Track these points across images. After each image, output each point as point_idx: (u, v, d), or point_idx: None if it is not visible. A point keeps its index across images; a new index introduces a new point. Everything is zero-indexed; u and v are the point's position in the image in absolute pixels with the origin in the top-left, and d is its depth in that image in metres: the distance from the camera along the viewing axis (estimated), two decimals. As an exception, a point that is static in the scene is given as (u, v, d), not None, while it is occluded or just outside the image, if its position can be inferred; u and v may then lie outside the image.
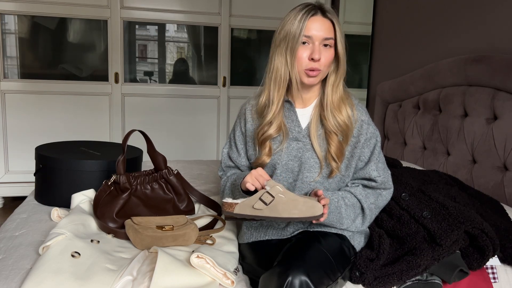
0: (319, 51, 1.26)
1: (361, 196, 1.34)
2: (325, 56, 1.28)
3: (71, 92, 3.26)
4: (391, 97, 2.79)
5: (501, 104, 1.95)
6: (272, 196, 1.17)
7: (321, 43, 1.27)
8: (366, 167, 1.36)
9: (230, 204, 1.20)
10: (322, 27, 1.26)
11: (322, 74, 1.30)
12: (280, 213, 1.17)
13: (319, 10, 1.28)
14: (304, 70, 1.28)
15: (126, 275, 1.18)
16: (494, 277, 1.42)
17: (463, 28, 2.34)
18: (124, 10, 3.27)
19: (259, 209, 1.17)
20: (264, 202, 1.17)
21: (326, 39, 1.27)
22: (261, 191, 1.19)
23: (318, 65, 1.27)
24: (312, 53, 1.26)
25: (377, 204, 1.38)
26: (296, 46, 1.26)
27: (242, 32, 3.62)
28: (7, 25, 3.15)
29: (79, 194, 1.61)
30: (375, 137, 1.37)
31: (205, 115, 3.56)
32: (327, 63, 1.29)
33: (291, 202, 1.17)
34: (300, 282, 1.07)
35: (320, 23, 1.26)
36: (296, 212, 1.16)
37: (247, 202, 1.18)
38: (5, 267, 1.24)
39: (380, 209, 1.42)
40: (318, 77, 1.30)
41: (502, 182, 1.92)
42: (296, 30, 1.26)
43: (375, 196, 1.38)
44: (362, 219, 1.36)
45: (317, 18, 1.27)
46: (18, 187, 3.23)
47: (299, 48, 1.27)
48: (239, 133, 1.47)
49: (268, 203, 1.17)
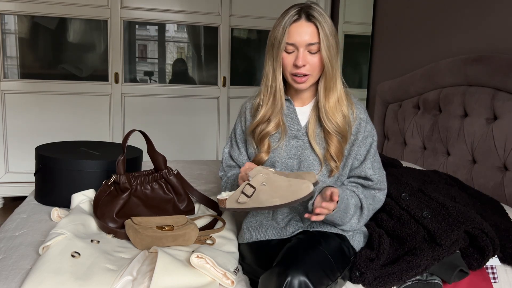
0: (303, 57, 1.26)
1: (362, 196, 1.34)
2: (311, 61, 1.27)
3: (71, 92, 3.26)
4: (391, 97, 2.79)
5: (501, 104, 1.95)
6: (253, 187, 1.17)
7: (306, 49, 1.26)
8: (361, 165, 1.36)
9: (222, 200, 1.21)
10: (306, 33, 1.25)
11: (312, 78, 1.30)
12: (263, 203, 1.16)
13: (304, 14, 1.26)
14: (291, 75, 1.29)
15: (126, 275, 1.18)
16: (494, 277, 1.42)
17: (463, 28, 2.34)
18: (124, 10, 3.27)
19: (242, 202, 1.17)
20: (246, 194, 1.17)
21: (310, 44, 1.26)
22: (242, 184, 1.19)
23: (304, 70, 1.27)
24: (295, 60, 1.26)
25: (374, 205, 1.38)
26: (280, 53, 1.27)
27: (242, 32, 3.62)
28: (7, 25, 3.15)
29: (79, 194, 1.61)
30: (372, 136, 1.38)
31: (205, 115, 3.56)
32: (315, 68, 1.28)
33: (274, 189, 1.15)
34: (299, 282, 1.07)
35: (303, 28, 1.25)
36: (276, 200, 1.14)
37: (233, 196, 1.19)
38: (5, 267, 1.24)
39: (374, 212, 1.41)
40: (307, 82, 1.30)
41: (502, 182, 1.92)
42: (280, 37, 1.26)
43: (371, 197, 1.38)
44: (358, 218, 1.35)
45: (299, 24, 1.25)
46: (18, 187, 3.23)
47: (283, 55, 1.28)
48: (239, 131, 1.48)
49: (250, 195, 1.16)
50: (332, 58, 1.28)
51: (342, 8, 3.49)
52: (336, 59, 1.30)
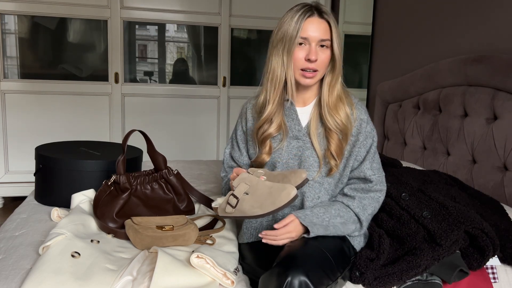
0: (316, 52, 1.28)
1: (358, 210, 1.34)
2: (321, 57, 1.29)
3: (71, 92, 3.26)
4: (391, 97, 2.79)
5: (501, 104, 1.95)
6: (237, 198, 1.17)
7: (318, 44, 1.28)
8: (360, 166, 1.36)
9: (215, 208, 1.24)
10: (319, 28, 1.27)
11: (319, 74, 1.32)
12: (246, 213, 1.16)
13: (315, 11, 1.29)
14: (300, 71, 1.30)
15: (126, 275, 1.18)
16: (494, 277, 1.42)
17: (463, 28, 2.34)
18: (124, 10, 3.27)
19: (230, 212, 1.18)
20: (231, 205, 1.17)
21: (322, 40, 1.28)
22: (228, 195, 1.20)
23: (315, 65, 1.29)
24: (308, 54, 1.28)
25: (373, 212, 1.38)
26: (293, 47, 1.28)
27: (242, 32, 3.62)
28: (7, 25, 3.15)
29: (79, 194, 1.61)
30: (372, 137, 1.38)
31: (205, 115, 3.56)
32: (324, 64, 1.30)
33: (255, 199, 1.15)
34: (300, 282, 1.07)
35: (317, 24, 1.28)
36: (257, 210, 1.14)
37: (222, 205, 1.20)
38: (5, 267, 1.24)
39: (375, 213, 1.41)
40: (315, 78, 1.31)
41: (502, 182, 1.92)
42: (293, 31, 1.27)
43: (373, 206, 1.36)
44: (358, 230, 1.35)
45: (313, 19, 1.28)
46: (18, 187, 3.23)
47: (295, 49, 1.28)
48: (240, 132, 1.48)
49: (234, 205, 1.17)
50: (340, 55, 1.32)
51: (342, 8, 3.49)
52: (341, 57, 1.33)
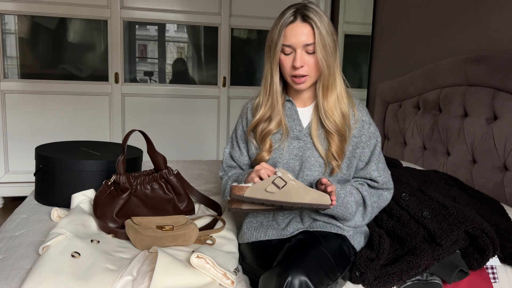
0: (301, 58, 1.26)
1: (366, 193, 1.36)
2: (308, 62, 1.27)
3: (71, 92, 3.26)
4: (391, 97, 2.79)
5: (501, 104, 1.95)
6: (285, 181, 1.18)
7: (303, 49, 1.26)
8: (366, 167, 1.37)
9: (241, 187, 1.18)
10: (302, 33, 1.25)
11: (311, 78, 1.30)
12: (293, 198, 1.17)
13: (299, 15, 1.26)
14: (290, 77, 1.30)
15: (126, 275, 1.18)
16: (494, 277, 1.42)
17: (463, 28, 2.34)
18: (124, 10, 3.27)
19: (271, 192, 1.17)
20: (277, 185, 1.17)
21: (307, 45, 1.26)
22: (273, 176, 1.20)
23: (303, 71, 1.27)
24: (293, 61, 1.27)
25: (378, 203, 1.39)
26: (277, 55, 1.28)
27: (242, 32, 3.62)
28: (7, 25, 3.15)
29: (79, 194, 1.61)
30: (375, 138, 1.38)
31: (205, 115, 3.56)
32: (312, 68, 1.28)
33: (303, 189, 1.18)
34: (300, 282, 1.07)
35: (299, 29, 1.25)
36: (308, 198, 1.17)
37: (259, 185, 1.19)
38: (5, 267, 1.24)
39: (379, 210, 1.43)
40: (306, 82, 1.30)
41: (502, 182, 1.92)
42: (277, 39, 1.27)
43: (377, 196, 1.39)
44: (362, 216, 1.36)
45: (295, 25, 1.25)
46: (18, 187, 3.23)
47: (283, 57, 1.28)
48: (241, 132, 1.48)
49: (281, 187, 1.17)
50: (329, 57, 1.27)
51: (342, 8, 3.49)
52: (334, 57, 1.29)
